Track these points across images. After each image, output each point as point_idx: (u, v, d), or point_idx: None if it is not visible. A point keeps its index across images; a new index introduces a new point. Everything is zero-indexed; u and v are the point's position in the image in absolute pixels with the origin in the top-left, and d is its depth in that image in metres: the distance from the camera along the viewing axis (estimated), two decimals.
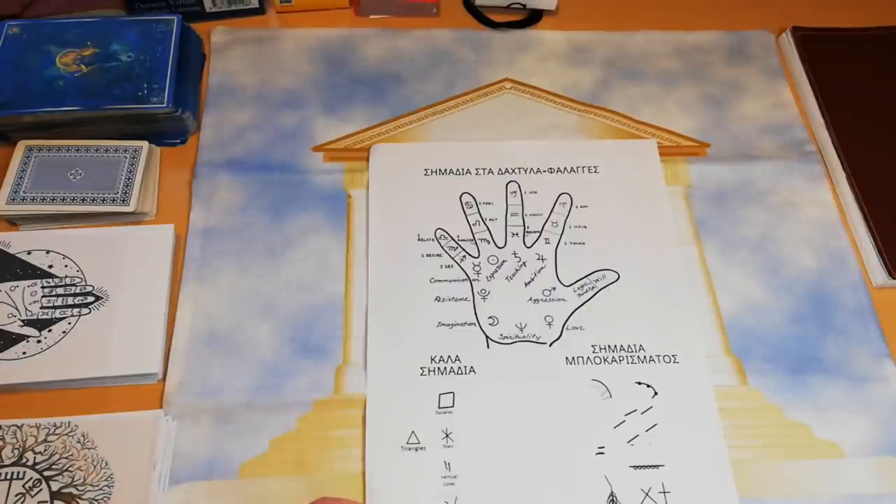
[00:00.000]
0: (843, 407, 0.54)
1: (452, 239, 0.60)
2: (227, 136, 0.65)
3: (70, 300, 0.55)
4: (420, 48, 0.71)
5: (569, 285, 0.58)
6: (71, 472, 0.48)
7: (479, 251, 0.59)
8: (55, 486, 0.48)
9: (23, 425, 0.50)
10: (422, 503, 0.49)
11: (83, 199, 0.58)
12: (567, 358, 0.55)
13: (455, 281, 0.58)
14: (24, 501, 0.47)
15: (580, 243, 0.60)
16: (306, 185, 0.62)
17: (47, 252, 0.57)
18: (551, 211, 0.61)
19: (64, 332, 0.53)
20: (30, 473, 0.48)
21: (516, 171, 0.64)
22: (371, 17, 0.74)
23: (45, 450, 0.49)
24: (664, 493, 0.50)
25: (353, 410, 0.52)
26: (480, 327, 0.56)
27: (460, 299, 0.57)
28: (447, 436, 0.51)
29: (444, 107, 0.68)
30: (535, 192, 0.62)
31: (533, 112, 0.68)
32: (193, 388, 0.53)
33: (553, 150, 0.65)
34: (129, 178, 0.59)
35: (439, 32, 0.72)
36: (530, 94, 0.69)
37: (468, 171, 0.63)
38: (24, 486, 0.48)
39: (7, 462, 0.48)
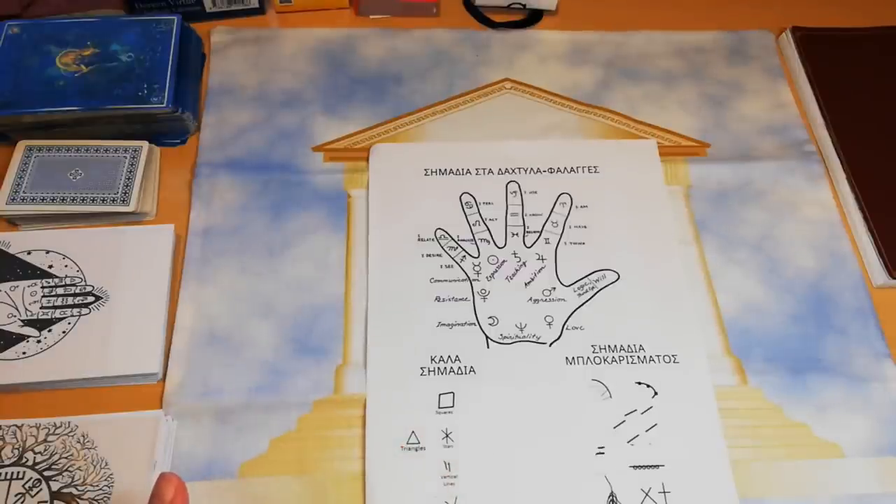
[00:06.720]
0: (843, 407, 0.54)
1: (452, 239, 0.60)
2: (227, 136, 0.65)
3: (70, 300, 0.55)
4: (420, 48, 0.71)
5: (569, 285, 0.58)
6: (71, 472, 0.48)
7: (479, 251, 0.59)
8: (55, 486, 0.48)
9: (23, 425, 0.50)
10: (422, 503, 0.49)
11: (83, 199, 0.58)
12: (567, 358, 0.55)
13: (455, 281, 0.58)
14: (24, 501, 0.47)
15: (580, 243, 0.60)
16: (306, 185, 0.62)
17: (47, 252, 0.57)
18: (551, 211, 0.61)
19: (64, 332, 0.53)
20: (30, 473, 0.48)
21: (516, 171, 0.64)
22: (371, 17, 0.74)
23: (45, 450, 0.49)
24: (664, 493, 0.50)
25: (353, 410, 0.52)
26: (480, 327, 0.56)
27: (460, 299, 0.57)
28: (447, 436, 0.51)
29: (444, 107, 0.68)
30: (535, 192, 0.62)
31: (533, 112, 0.68)
32: (193, 389, 0.53)
33: (553, 150, 0.65)
34: (129, 178, 0.59)
35: (439, 32, 0.72)
36: (530, 94, 0.69)
37: (468, 171, 0.63)
38: (23, 486, 0.48)
39: (7, 462, 0.48)
